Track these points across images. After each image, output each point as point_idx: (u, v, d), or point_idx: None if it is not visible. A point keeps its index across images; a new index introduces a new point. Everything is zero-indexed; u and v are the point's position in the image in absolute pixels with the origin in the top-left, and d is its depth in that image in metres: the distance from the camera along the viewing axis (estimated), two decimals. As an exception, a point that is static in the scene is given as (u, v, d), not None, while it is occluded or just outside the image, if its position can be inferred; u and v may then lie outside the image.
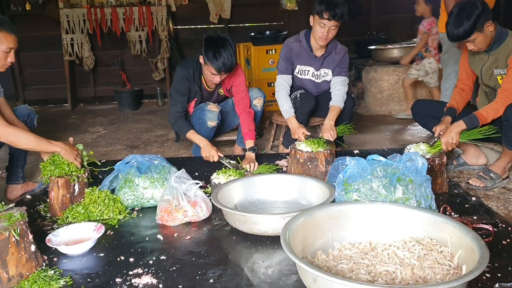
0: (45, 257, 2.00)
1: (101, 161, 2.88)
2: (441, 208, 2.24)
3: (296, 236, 1.70)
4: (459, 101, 3.02)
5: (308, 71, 3.44)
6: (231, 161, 3.00)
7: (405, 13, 6.45)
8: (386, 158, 2.22)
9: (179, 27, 6.60)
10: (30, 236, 1.87)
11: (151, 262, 1.95)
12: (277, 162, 3.19)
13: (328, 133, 3.07)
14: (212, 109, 3.32)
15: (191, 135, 3.20)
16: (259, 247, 2.04)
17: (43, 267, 1.91)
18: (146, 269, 1.89)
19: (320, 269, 1.50)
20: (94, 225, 2.20)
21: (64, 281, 1.81)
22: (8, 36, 2.46)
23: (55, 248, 2.03)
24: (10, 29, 2.47)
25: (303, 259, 1.61)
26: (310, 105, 3.36)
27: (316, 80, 3.47)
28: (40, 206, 2.62)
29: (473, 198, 2.56)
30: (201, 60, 3.14)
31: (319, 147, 2.78)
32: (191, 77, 3.27)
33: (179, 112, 3.28)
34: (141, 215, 2.46)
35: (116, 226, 2.33)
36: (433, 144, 2.75)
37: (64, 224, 2.31)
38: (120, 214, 2.43)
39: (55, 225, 2.36)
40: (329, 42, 3.30)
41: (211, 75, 3.11)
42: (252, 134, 3.24)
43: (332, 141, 3.03)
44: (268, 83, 5.28)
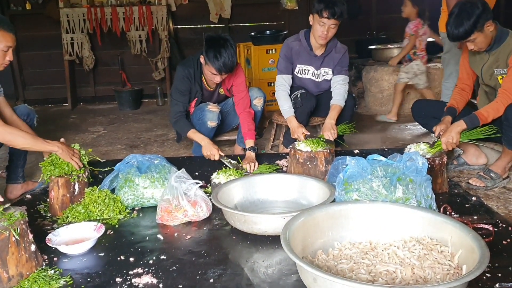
0: (45, 257, 2.00)
1: (101, 161, 2.87)
2: (442, 208, 2.24)
3: (296, 236, 1.70)
4: (459, 101, 3.02)
5: (308, 71, 3.44)
6: (232, 161, 3.00)
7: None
8: (386, 158, 2.22)
9: (179, 27, 6.60)
10: (30, 236, 1.87)
11: (151, 262, 1.95)
12: (277, 162, 3.19)
13: (329, 132, 3.06)
14: (212, 110, 3.32)
15: (192, 134, 3.19)
16: (259, 247, 2.04)
17: (43, 267, 1.92)
18: (146, 269, 1.89)
19: (320, 269, 1.50)
20: (94, 225, 2.20)
21: (64, 281, 1.81)
22: (6, 35, 2.45)
23: (55, 248, 2.03)
24: (8, 28, 2.46)
25: (303, 259, 1.61)
26: (311, 105, 3.36)
27: (316, 79, 3.47)
28: (40, 206, 2.62)
29: (474, 198, 2.56)
30: (202, 60, 3.14)
31: (319, 147, 2.78)
32: (192, 77, 3.27)
33: (180, 112, 3.28)
34: (141, 215, 2.46)
35: (116, 226, 2.33)
36: (433, 144, 2.75)
37: (64, 224, 2.31)
38: (120, 214, 2.43)
39: (55, 225, 2.37)
40: (329, 41, 3.30)
41: (212, 75, 3.11)
42: (252, 134, 3.24)
43: (332, 141, 3.03)
44: (268, 83, 5.28)
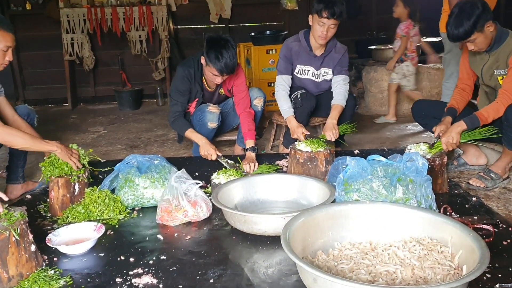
0: (45, 257, 2.00)
1: (101, 161, 2.87)
2: (442, 208, 2.24)
3: (297, 236, 1.70)
4: (460, 101, 3.02)
5: (308, 71, 3.44)
6: (229, 161, 2.99)
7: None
8: (387, 158, 2.22)
9: (179, 27, 6.60)
10: (30, 236, 1.87)
11: (151, 262, 1.95)
12: (277, 162, 3.19)
13: (331, 132, 3.06)
14: (213, 111, 3.32)
15: (190, 134, 3.19)
16: (259, 247, 2.04)
17: (43, 267, 1.92)
18: (146, 269, 1.89)
19: (320, 269, 1.50)
20: (94, 225, 2.20)
21: (64, 281, 1.81)
22: (6, 35, 2.44)
23: (55, 248, 2.03)
24: (8, 28, 2.45)
25: (303, 259, 1.61)
26: (311, 105, 3.35)
27: (316, 80, 3.47)
28: (40, 206, 2.62)
29: (474, 198, 2.56)
30: (203, 61, 3.13)
31: (319, 147, 2.77)
32: (192, 77, 3.26)
33: (179, 112, 3.28)
34: (141, 215, 2.46)
35: (116, 226, 2.33)
36: (433, 145, 2.74)
37: (64, 224, 2.31)
38: (120, 214, 2.43)
39: (55, 225, 2.37)
40: (329, 41, 3.30)
41: (213, 76, 3.10)
42: (252, 134, 3.23)
43: (331, 141, 3.02)
44: (269, 83, 5.27)
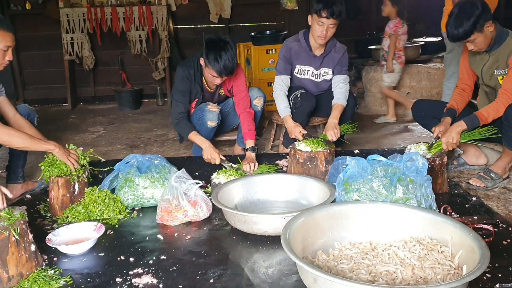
0: (45, 257, 2.00)
1: (101, 161, 2.87)
2: (442, 208, 2.24)
3: (297, 236, 1.70)
4: (459, 102, 3.02)
5: (308, 71, 3.44)
6: (233, 165, 2.95)
7: (405, 13, 6.44)
8: (387, 158, 2.22)
9: (179, 27, 6.59)
10: (30, 236, 1.87)
11: (151, 262, 1.95)
12: (277, 162, 3.19)
13: (332, 131, 3.05)
14: (212, 110, 3.32)
15: (193, 137, 3.17)
16: (260, 247, 2.04)
17: (43, 267, 1.92)
18: (146, 269, 1.89)
19: (321, 269, 1.50)
20: (94, 225, 2.20)
21: (64, 281, 1.81)
22: (6, 35, 2.44)
23: (55, 248, 2.03)
24: (7, 27, 2.45)
25: (304, 259, 1.61)
26: (311, 105, 3.35)
27: (316, 80, 3.47)
28: (40, 206, 2.62)
29: (474, 198, 2.56)
30: (202, 63, 3.13)
31: (319, 147, 2.77)
32: (192, 77, 3.26)
33: (182, 113, 3.26)
34: (141, 215, 2.46)
35: (116, 226, 2.33)
36: (432, 146, 2.74)
37: (64, 224, 2.31)
38: (120, 214, 2.43)
39: (55, 225, 2.37)
40: (328, 41, 3.30)
41: (212, 77, 3.10)
42: (252, 134, 3.23)
43: (331, 142, 3.01)
44: (268, 83, 5.27)
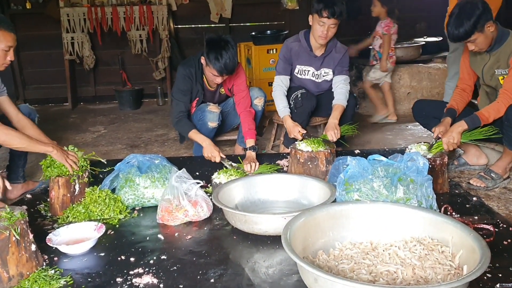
0: (46, 257, 2.00)
1: (103, 162, 2.87)
2: (442, 208, 2.23)
3: (297, 236, 1.70)
4: (460, 102, 3.02)
5: (308, 71, 3.44)
6: (233, 164, 2.95)
7: (405, 13, 6.43)
8: (387, 158, 2.22)
9: (180, 27, 6.59)
10: (31, 236, 1.87)
11: (152, 262, 1.95)
12: (278, 162, 3.19)
13: (332, 132, 3.05)
14: (213, 110, 3.31)
15: (193, 135, 3.18)
16: (260, 247, 2.04)
17: (44, 267, 1.92)
18: (147, 269, 1.89)
19: (321, 269, 1.50)
20: (95, 225, 2.20)
21: (65, 281, 1.81)
22: (7, 35, 2.44)
23: (56, 248, 2.03)
24: (9, 27, 2.45)
25: (304, 259, 1.61)
26: (311, 105, 3.35)
27: (316, 80, 3.47)
28: (41, 206, 2.62)
29: (474, 198, 2.56)
30: (203, 61, 3.13)
31: (320, 147, 2.77)
32: (193, 77, 3.26)
33: (182, 112, 3.26)
34: (142, 215, 2.46)
35: (117, 226, 2.33)
36: (432, 146, 2.74)
37: (65, 224, 2.31)
38: (121, 214, 2.43)
39: (56, 225, 2.37)
40: (329, 41, 3.30)
41: (213, 76, 3.10)
42: (253, 133, 3.23)
43: (331, 142, 3.00)
44: (269, 83, 5.25)
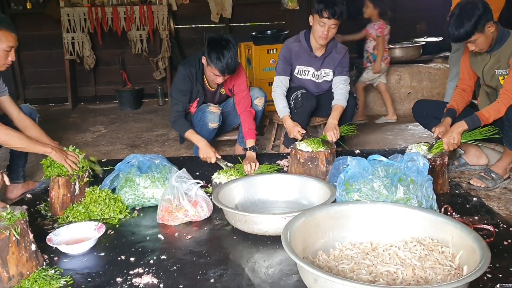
0: (46, 257, 2.00)
1: (102, 160, 2.87)
2: (442, 209, 2.23)
3: (297, 236, 1.70)
4: (459, 102, 3.01)
5: (308, 71, 3.44)
6: (229, 164, 2.95)
7: (405, 13, 6.44)
8: (387, 158, 2.22)
9: (180, 26, 6.59)
10: (31, 235, 1.87)
11: (152, 262, 1.95)
12: (278, 162, 3.19)
13: (332, 132, 3.05)
14: (213, 111, 3.31)
15: (190, 135, 3.17)
16: (260, 247, 2.04)
17: (44, 267, 1.92)
18: (147, 269, 1.89)
19: (321, 269, 1.50)
20: (95, 225, 2.20)
21: (65, 281, 1.82)
22: (8, 35, 2.44)
23: (56, 248, 2.03)
24: (10, 28, 2.45)
25: (304, 259, 1.61)
26: (311, 105, 3.35)
27: (317, 80, 3.46)
28: (41, 205, 2.62)
29: (474, 199, 2.56)
30: (204, 61, 3.12)
31: (320, 147, 2.77)
32: (194, 77, 3.25)
33: (179, 112, 3.26)
34: (142, 215, 2.46)
35: (117, 226, 2.33)
36: (432, 147, 2.73)
37: (65, 224, 2.31)
38: (121, 214, 2.43)
39: (56, 224, 2.37)
40: (329, 42, 3.30)
41: (214, 76, 3.10)
42: (253, 134, 3.23)
43: (330, 142, 3.00)
44: (269, 83, 5.24)
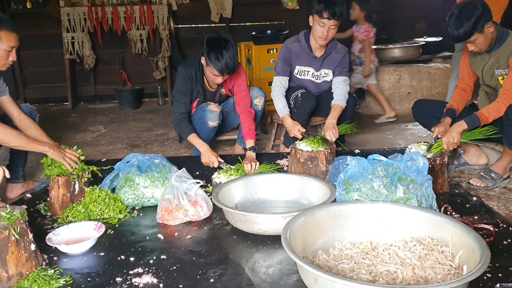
0: (45, 256, 2.00)
1: (102, 160, 2.87)
2: (442, 208, 2.24)
3: (297, 236, 1.70)
4: (459, 102, 3.02)
5: (308, 72, 3.44)
6: (232, 167, 2.93)
7: (406, 13, 6.44)
8: (387, 158, 2.22)
9: (180, 26, 6.59)
10: (30, 235, 1.87)
11: (152, 262, 1.95)
12: (278, 162, 3.19)
13: (330, 132, 3.05)
14: (213, 109, 3.31)
15: (192, 139, 3.16)
16: (260, 247, 2.04)
17: (43, 266, 1.91)
18: (147, 269, 1.89)
19: (321, 269, 1.50)
20: (95, 224, 2.20)
21: (64, 280, 1.81)
22: (10, 35, 2.44)
23: (55, 247, 2.03)
24: (11, 28, 2.45)
25: (304, 259, 1.61)
26: (311, 105, 3.35)
27: (316, 81, 3.46)
28: (40, 205, 2.62)
29: (474, 198, 2.56)
30: (203, 62, 3.12)
31: (320, 147, 2.77)
32: (194, 77, 3.25)
33: (182, 114, 3.25)
34: (142, 214, 2.46)
35: (117, 225, 2.33)
36: (431, 146, 2.73)
37: (64, 223, 2.31)
38: (121, 213, 2.43)
39: (55, 224, 2.37)
40: (329, 42, 3.30)
41: (213, 76, 3.09)
42: (253, 134, 3.23)
43: (329, 142, 3.00)
44: (269, 83, 5.21)
